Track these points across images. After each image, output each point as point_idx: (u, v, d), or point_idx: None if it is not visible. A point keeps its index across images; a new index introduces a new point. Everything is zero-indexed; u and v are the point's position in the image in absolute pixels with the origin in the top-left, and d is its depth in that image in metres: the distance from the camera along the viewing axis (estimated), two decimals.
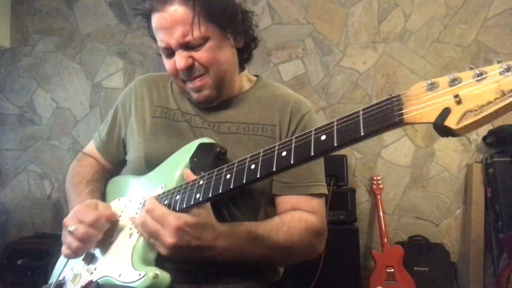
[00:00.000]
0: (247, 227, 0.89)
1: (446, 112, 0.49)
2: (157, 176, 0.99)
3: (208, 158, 0.89)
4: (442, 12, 2.74)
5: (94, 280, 0.88)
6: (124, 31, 3.15)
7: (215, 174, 0.78)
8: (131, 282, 0.80)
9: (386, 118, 0.55)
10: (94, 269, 0.92)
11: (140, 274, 0.80)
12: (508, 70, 0.46)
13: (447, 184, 2.65)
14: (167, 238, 0.79)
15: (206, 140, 0.95)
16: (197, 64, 0.97)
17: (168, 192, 0.87)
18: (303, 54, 2.90)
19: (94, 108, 3.14)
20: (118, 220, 0.97)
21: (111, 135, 1.17)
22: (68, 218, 0.93)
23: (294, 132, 1.03)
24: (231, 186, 0.73)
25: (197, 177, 0.83)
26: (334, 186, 2.41)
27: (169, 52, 0.99)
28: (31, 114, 3.22)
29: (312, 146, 0.63)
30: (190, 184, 0.83)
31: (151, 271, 0.79)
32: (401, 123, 0.54)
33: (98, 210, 0.93)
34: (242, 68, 1.12)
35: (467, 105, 0.48)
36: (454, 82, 0.50)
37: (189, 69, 0.97)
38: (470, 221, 2.51)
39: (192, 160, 0.91)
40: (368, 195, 2.72)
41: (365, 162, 2.76)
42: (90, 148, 1.23)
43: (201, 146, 0.92)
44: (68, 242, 0.91)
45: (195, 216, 0.80)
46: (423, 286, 2.31)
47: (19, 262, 2.47)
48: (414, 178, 2.70)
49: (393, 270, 2.31)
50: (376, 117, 0.56)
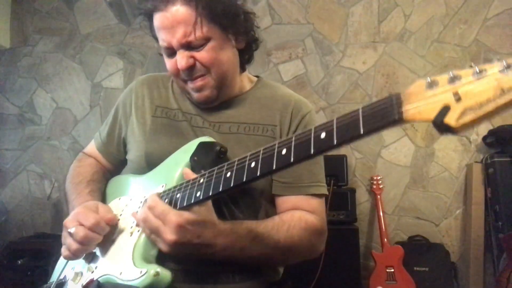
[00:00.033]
0: (248, 226, 0.89)
1: (445, 109, 0.49)
2: (157, 175, 0.99)
3: (208, 157, 0.89)
4: (442, 12, 2.74)
5: (95, 278, 0.88)
6: (124, 31, 3.15)
7: (216, 172, 0.78)
8: (132, 280, 0.80)
9: (386, 116, 0.55)
10: (95, 267, 0.92)
11: (141, 271, 0.80)
12: (508, 67, 0.46)
13: (447, 184, 2.65)
14: (168, 235, 0.79)
15: (206, 139, 0.95)
16: (198, 64, 0.97)
17: (168, 190, 0.87)
18: (303, 54, 2.90)
19: (94, 108, 3.14)
20: (118, 219, 0.97)
21: (112, 135, 1.17)
22: (68, 219, 0.93)
23: (295, 132, 1.03)
24: (232, 185, 0.73)
25: (197, 175, 0.83)
26: (334, 186, 2.41)
27: (170, 51, 0.99)
28: (31, 114, 3.21)
29: (312, 144, 0.63)
30: (190, 182, 0.83)
31: (152, 269, 0.79)
32: (400, 121, 0.54)
33: (99, 212, 0.93)
34: (243, 69, 1.12)
35: (467, 102, 0.48)
36: (453, 80, 0.50)
37: (190, 69, 0.97)
38: (470, 221, 2.51)
39: (192, 159, 0.91)
40: (368, 195, 2.72)
41: (365, 162, 2.76)
42: (91, 148, 1.23)
43: (201, 145, 0.92)
44: (68, 244, 0.92)
45: (196, 213, 0.80)
46: (423, 286, 2.31)
47: (19, 262, 2.47)
48: (414, 178, 2.70)
49: (393, 270, 2.31)
50: (375, 115, 0.56)
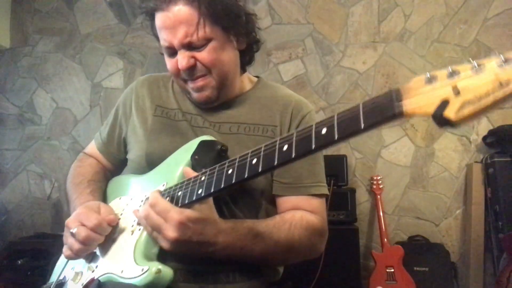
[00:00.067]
0: (249, 224, 0.90)
1: (445, 103, 0.50)
2: (158, 174, 0.99)
3: (209, 156, 0.89)
4: (442, 12, 2.74)
5: (95, 277, 0.88)
6: (124, 31, 3.15)
7: (217, 169, 0.78)
8: (134, 278, 0.80)
9: (386, 110, 0.55)
10: (96, 267, 0.92)
11: (143, 269, 0.80)
12: (505, 62, 0.47)
13: (447, 184, 2.65)
14: (170, 232, 0.79)
15: (207, 137, 0.95)
16: (199, 64, 0.98)
17: (169, 188, 0.87)
18: (303, 54, 2.90)
19: (94, 108, 3.14)
20: (119, 219, 0.97)
21: (112, 135, 1.17)
22: (70, 219, 0.93)
23: None
24: (233, 181, 0.73)
25: (198, 173, 0.83)
26: (334, 186, 2.41)
27: (171, 51, 0.99)
28: (31, 114, 3.21)
29: (313, 139, 0.63)
30: (192, 180, 0.83)
31: (154, 266, 0.79)
32: (401, 115, 0.54)
33: (101, 213, 0.93)
34: (243, 69, 1.13)
35: (466, 96, 0.49)
36: (452, 74, 0.51)
37: (191, 69, 0.97)
38: (470, 221, 2.50)
39: (193, 157, 0.91)
40: (368, 195, 2.72)
41: (365, 162, 2.76)
42: (91, 148, 1.23)
43: (202, 144, 0.92)
44: (70, 244, 0.92)
45: (198, 211, 0.80)
46: (423, 286, 2.31)
47: (19, 262, 2.46)
48: (414, 178, 2.70)
49: (393, 270, 2.30)
50: (376, 109, 0.57)
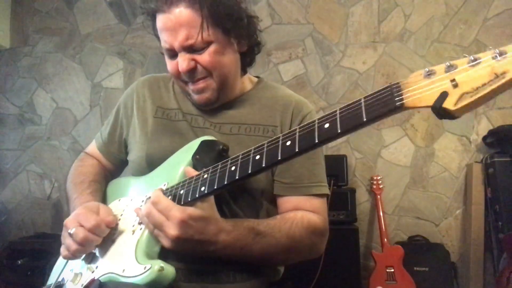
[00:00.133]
0: (250, 224, 0.90)
1: (444, 95, 0.53)
2: (159, 174, 0.99)
3: (210, 155, 0.89)
4: (442, 12, 2.74)
5: (96, 278, 0.88)
6: (124, 31, 3.15)
7: (220, 167, 0.79)
8: (136, 276, 0.79)
9: (387, 103, 0.58)
10: (96, 267, 0.92)
11: (145, 267, 0.79)
12: (500, 55, 0.50)
13: (447, 184, 2.65)
14: (171, 230, 0.79)
15: (208, 137, 0.95)
16: (199, 67, 0.97)
17: (171, 188, 0.87)
18: (303, 54, 2.90)
19: (94, 108, 3.14)
20: (119, 219, 0.97)
21: (113, 136, 1.17)
22: (69, 220, 0.93)
23: None
24: (237, 177, 0.73)
25: (199, 172, 0.83)
26: (334, 186, 2.41)
27: (172, 53, 0.99)
28: (31, 114, 3.21)
29: (316, 133, 0.65)
30: (194, 178, 0.83)
31: (156, 264, 0.79)
32: (401, 108, 0.56)
33: (100, 214, 0.93)
34: (244, 71, 1.13)
35: (464, 88, 0.52)
36: (450, 68, 0.54)
37: (191, 71, 0.97)
38: (470, 221, 2.50)
39: (194, 157, 0.91)
40: (368, 195, 2.72)
41: (365, 162, 2.76)
42: (92, 148, 1.23)
43: (203, 144, 0.92)
44: (67, 244, 0.92)
45: (199, 209, 0.80)
46: (423, 286, 2.30)
47: (19, 262, 2.47)
48: (414, 178, 2.70)
49: (393, 270, 2.30)
50: (377, 103, 0.59)
